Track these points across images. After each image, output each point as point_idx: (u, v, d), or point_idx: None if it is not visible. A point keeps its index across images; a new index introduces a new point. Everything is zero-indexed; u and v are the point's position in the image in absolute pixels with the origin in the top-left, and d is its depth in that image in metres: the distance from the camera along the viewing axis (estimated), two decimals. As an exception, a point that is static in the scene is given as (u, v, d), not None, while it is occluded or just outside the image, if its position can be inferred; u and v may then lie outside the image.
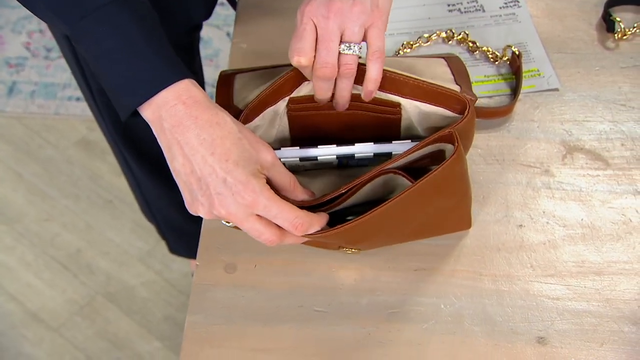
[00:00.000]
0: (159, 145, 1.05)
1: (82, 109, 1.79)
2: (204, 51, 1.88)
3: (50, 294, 1.53)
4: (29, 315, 1.50)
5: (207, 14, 0.93)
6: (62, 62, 1.87)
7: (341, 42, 0.59)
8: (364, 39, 0.60)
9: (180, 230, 1.31)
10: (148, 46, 0.54)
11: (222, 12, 1.98)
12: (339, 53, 0.59)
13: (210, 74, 1.74)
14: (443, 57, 0.71)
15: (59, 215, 1.65)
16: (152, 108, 0.54)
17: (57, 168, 1.72)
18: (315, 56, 0.59)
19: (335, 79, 0.61)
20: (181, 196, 1.24)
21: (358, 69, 0.61)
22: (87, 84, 0.96)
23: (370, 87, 0.61)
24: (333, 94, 0.63)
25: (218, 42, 1.93)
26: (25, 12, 1.99)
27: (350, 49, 0.59)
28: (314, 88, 0.62)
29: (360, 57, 0.60)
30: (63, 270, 1.56)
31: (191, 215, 1.33)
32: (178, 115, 0.53)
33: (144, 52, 0.54)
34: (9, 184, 1.69)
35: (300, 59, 0.59)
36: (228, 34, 1.95)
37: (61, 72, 1.86)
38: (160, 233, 1.36)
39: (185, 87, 0.54)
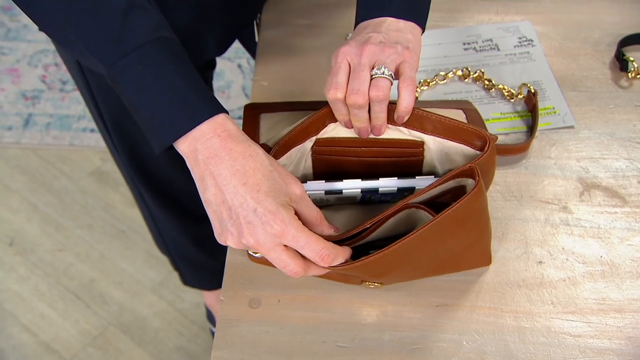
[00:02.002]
0: (173, 179, 1.08)
1: (96, 140, 1.81)
2: (215, 83, 1.91)
3: (63, 324, 1.53)
4: (42, 346, 1.50)
5: (221, 50, 0.95)
6: (77, 94, 1.90)
7: (372, 69, 0.62)
8: (396, 77, 0.63)
9: (194, 262, 1.32)
10: (185, 82, 0.56)
11: (233, 45, 2.00)
12: (371, 79, 0.61)
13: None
14: (462, 109, 0.73)
15: (73, 246, 1.66)
16: (188, 141, 0.56)
17: (72, 198, 1.74)
18: (348, 87, 0.62)
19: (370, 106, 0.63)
20: (195, 229, 1.25)
21: (390, 108, 0.63)
22: (102, 119, 0.98)
23: (402, 112, 0.64)
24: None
25: (230, 74, 1.96)
26: (41, 45, 2.02)
27: (379, 69, 0.61)
28: (351, 118, 0.64)
29: (391, 83, 0.62)
30: (76, 301, 1.57)
31: (204, 248, 1.34)
32: (213, 147, 0.55)
33: (182, 88, 0.56)
34: (24, 214, 1.71)
35: (336, 92, 0.62)
36: (239, 66, 1.98)
37: (76, 104, 1.89)
38: (174, 265, 1.37)
39: (221, 121, 0.56)
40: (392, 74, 0.62)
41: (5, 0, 2.14)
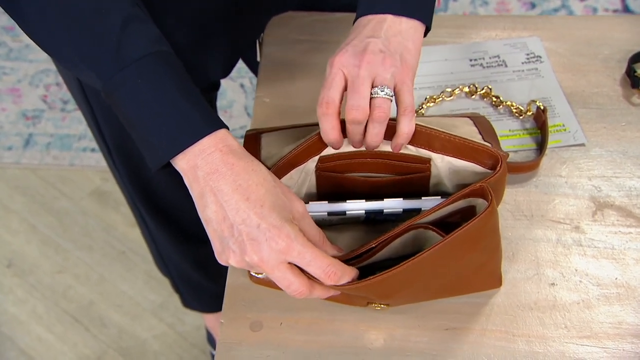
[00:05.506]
0: (174, 201, 1.06)
1: (97, 160, 1.79)
2: (218, 102, 1.89)
3: (61, 348, 1.50)
4: (39, 370, 1.47)
5: (225, 72, 0.93)
6: (78, 113, 1.89)
7: (372, 87, 0.59)
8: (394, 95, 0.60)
9: (195, 284, 1.30)
10: (185, 96, 0.55)
11: (236, 64, 2.00)
12: (371, 98, 0.58)
13: (226, 126, 1.74)
14: (469, 117, 0.71)
15: (72, 267, 1.63)
16: (187, 157, 0.54)
17: (72, 219, 1.72)
18: (347, 101, 0.59)
19: (367, 125, 0.60)
20: (196, 251, 1.23)
21: (388, 125, 0.60)
22: (104, 140, 0.96)
23: (401, 140, 0.61)
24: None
25: (232, 93, 1.95)
26: (42, 65, 2.02)
27: (382, 91, 0.58)
28: (347, 132, 0.61)
29: (391, 101, 0.59)
30: (75, 324, 1.54)
31: (205, 270, 1.32)
32: (214, 162, 0.53)
33: (181, 102, 0.54)
34: (23, 235, 1.69)
35: (327, 108, 0.59)
36: (242, 85, 1.97)
37: (77, 124, 1.87)
38: (174, 287, 1.35)
39: (222, 137, 0.55)
40: (393, 95, 0.59)
41: (7, 20, 2.14)
